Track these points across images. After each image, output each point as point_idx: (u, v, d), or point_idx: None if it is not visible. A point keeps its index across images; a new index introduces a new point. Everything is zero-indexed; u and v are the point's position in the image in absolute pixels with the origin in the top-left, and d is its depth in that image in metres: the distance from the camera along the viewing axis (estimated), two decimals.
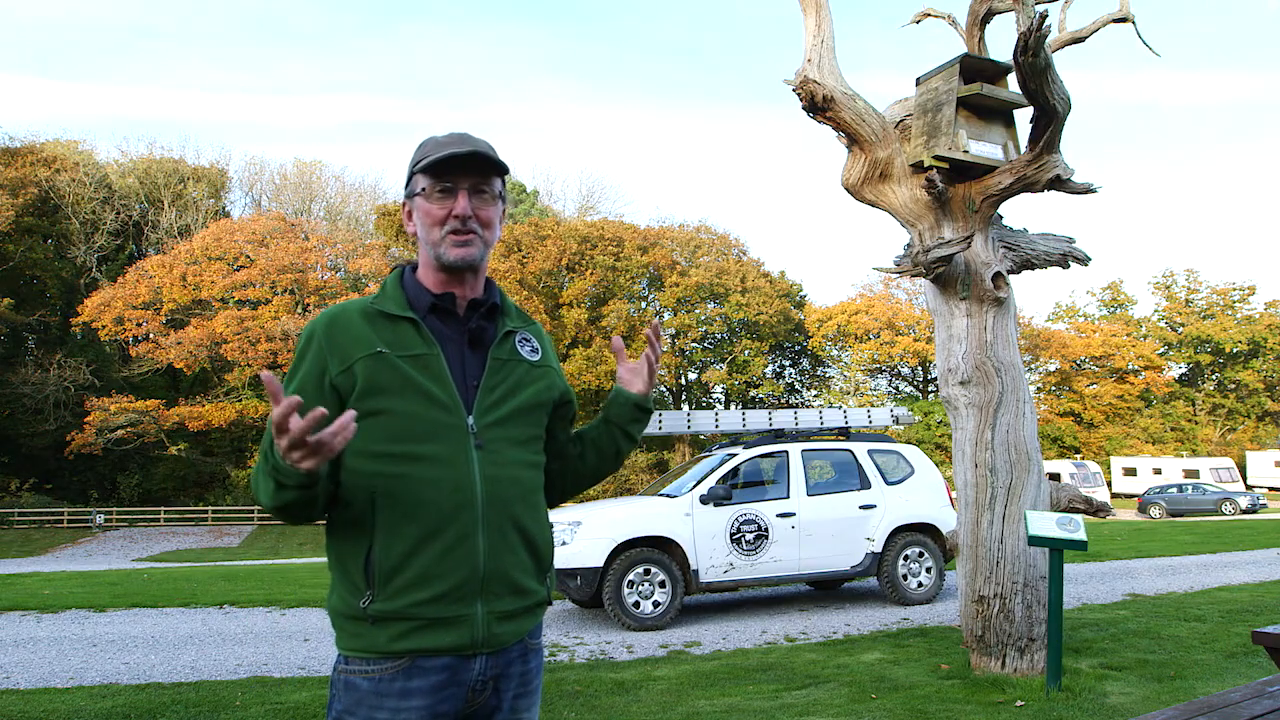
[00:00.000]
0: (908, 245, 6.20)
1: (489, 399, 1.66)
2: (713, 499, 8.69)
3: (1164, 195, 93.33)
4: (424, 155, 1.69)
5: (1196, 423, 50.76)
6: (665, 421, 9.74)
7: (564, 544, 8.37)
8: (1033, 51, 4.77)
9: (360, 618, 1.56)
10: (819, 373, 49.14)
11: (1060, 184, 5.56)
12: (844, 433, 10.01)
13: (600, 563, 8.22)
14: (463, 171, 1.67)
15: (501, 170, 1.71)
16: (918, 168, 5.73)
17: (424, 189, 1.68)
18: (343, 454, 1.56)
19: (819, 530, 9.00)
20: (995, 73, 5.74)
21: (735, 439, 10.23)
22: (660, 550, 8.50)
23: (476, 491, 1.59)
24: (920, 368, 46.74)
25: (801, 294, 47.80)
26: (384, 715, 1.54)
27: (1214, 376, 52.79)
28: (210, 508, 35.67)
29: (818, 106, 5.79)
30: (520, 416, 1.70)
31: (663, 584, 8.41)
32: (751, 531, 8.73)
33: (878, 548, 9.21)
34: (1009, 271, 5.94)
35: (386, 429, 1.58)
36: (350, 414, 1.41)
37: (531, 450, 1.73)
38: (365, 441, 1.56)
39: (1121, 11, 6.23)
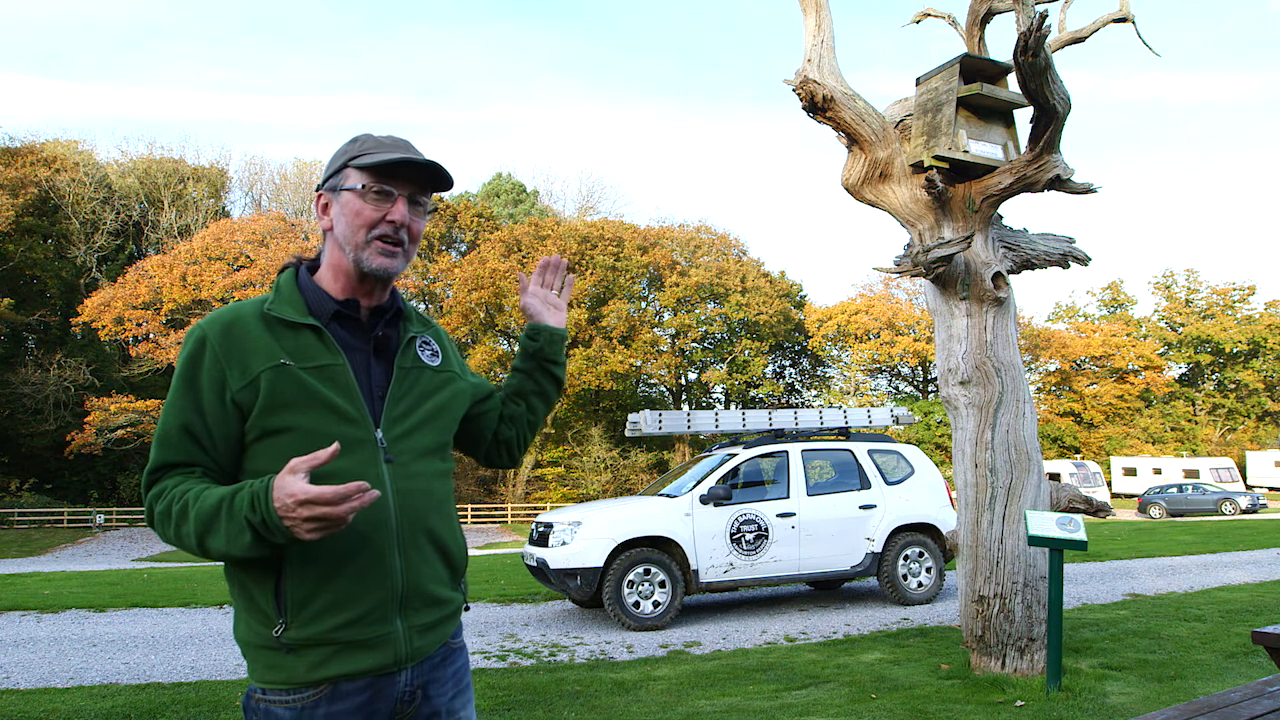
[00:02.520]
0: (908, 245, 6.20)
1: (396, 410, 1.59)
2: (713, 499, 8.69)
3: (1164, 195, 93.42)
4: (364, 151, 1.59)
5: (1196, 423, 50.76)
6: (665, 421, 9.74)
7: (564, 544, 8.38)
8: (1033, 51, 4.77)
9: (273, 647, 1.48)
10: (819, 373, 49.14)
11: (1060, 184, 5.56)
12: (844, 433, 10.01)
13: (600, 563, 8.22)
14: (407, 179, 1.59)
15: (445, 186, 1.64)
16: (918, 168, 5.73)
17: (361, 186, 1.57)
18: (245, 475, 1.51)
19: (819, 530, 9.00)
20: (995, 73, 5.74)
21: (735, 439, 10.23)
22: (660, 550, 8.50)
23: (389, 508, 1.53)
24: (920, 368, 46.74)
25: (801, 294, 47.80)
26: None
27: (1214, 376, 52.78)
28: None
29: (818, 106, 5.79)
30: (428, 425, 1.64)
31: (663, 584, 8.41)
32: (751, 531, 8.73)
33: (878, 548, 9.21)
34: (1009, 271, 5.94)
35: (292, 448, 1.46)
36: (367, 487, 1.36)
37: (441, 458, 1.68)
38: (269, 462, 1.46)
39: (1121, 11, 6.23)
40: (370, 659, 1.51)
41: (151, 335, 36.51)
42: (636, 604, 8.31)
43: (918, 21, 7.05)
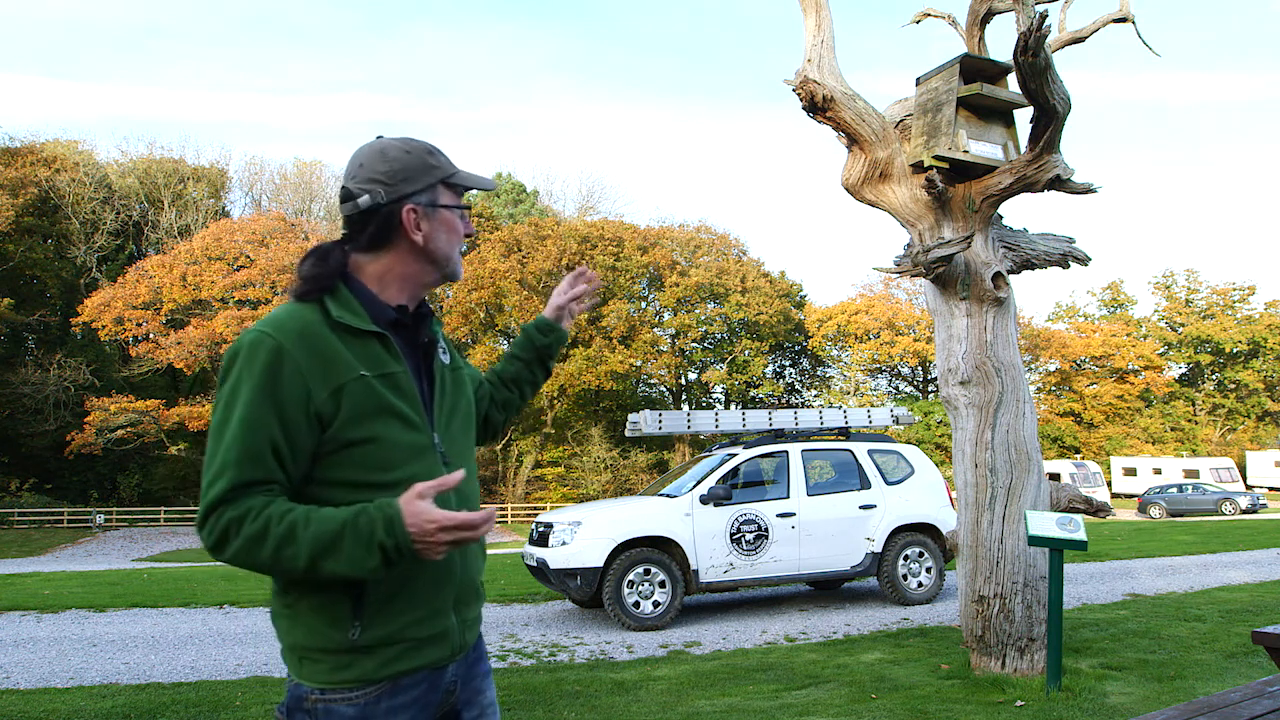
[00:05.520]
0: (908, 245, 6.20)
1: (443, 414, 1.66)
2: (713, 499, 8.69)
3: (1164, 195, 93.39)
4: (452, 170, 1.67)
5: (1196, 423, 50.75)
6: (665, 421, 9.73)
7: (564, 544, 8.38)
8: (1033, 51, 4.77)
9: (346, 650, 1.51)
10: (819, 373, 49.14)
11: (1060, 184, 5.56)
12: (844, 433, 10.01)
13: (600, 563, 8.22)
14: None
15: None
16: (918, 168, 5.73)
17: (448, 203, 1.66)
18: (314, 486, 1.52)
19: (819, 530, 9.00)
20: (995, 73, 5.74)
21: (735, 439, 10.23)
22: (660, 550, 8.50)
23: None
24: (920, 368, 46.74)
25: (801, 294, 47.78)
26: None
27: (1214, 376, 52.77)
28: None
29: (818, 106, 5.79)
30: (465, 425, 1.73)
31: (663, 584, 8.41)
32: (751, 531, 8.73)
33: (878, 548, 9.21)
34: (1009, 271, 5.94)
35: (373, 458, 1.51)
36: (492, 511, 1.46)
37: (474, 456, 1.78)
38: (352, 472, 1.50)
39: (1121, 11, 6.23)
40: (434, 653, 1.58)
41: (151, 335, 36.50)
42: (636, 604, 8.31)
43: (918, 21, 7.05)
